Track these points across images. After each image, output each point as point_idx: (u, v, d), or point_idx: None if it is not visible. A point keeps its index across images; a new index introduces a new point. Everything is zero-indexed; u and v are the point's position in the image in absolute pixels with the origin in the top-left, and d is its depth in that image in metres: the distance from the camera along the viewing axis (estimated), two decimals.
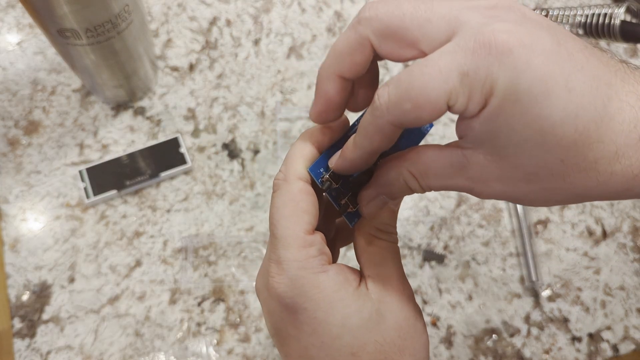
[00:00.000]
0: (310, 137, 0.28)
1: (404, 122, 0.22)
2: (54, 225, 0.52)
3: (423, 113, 0.21)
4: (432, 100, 0.21)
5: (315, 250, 0.25)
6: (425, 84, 0.21)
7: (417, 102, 0.21)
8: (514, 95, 0.20)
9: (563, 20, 0.55)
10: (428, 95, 0.21)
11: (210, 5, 0.64)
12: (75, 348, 0.48)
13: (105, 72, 0.51)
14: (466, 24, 0.21)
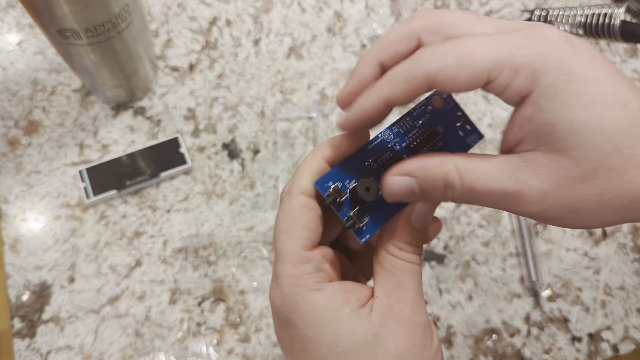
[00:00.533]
0: (322, 150, 0.27)
1: (440, 77, 0.22)
2: (54, 225, 0.52)
3: (462, 73, 0.21)
4: (477, 62, 0.21)
5: (311, 267, 0.25)
6: (477, 46, 0.21)
7: (463, 58, 0.21)
8: (567, 74, 0.20)
9: (563, 20, 0.55)
10: (476, 56, 0.21)
11: (210, 5, 0.64)
12: (75, 348, 0.48)
13: (105, 72, 0.51)
14: (516, 24, 0.23)
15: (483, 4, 0.67)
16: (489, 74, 0.21)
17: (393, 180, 0.25)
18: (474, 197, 0.23)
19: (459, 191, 0.23)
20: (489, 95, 0.62)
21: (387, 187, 0.25)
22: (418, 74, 0.22)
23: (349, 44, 0.63)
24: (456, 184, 0.23)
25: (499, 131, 0.60)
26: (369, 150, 0.28)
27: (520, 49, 0.21)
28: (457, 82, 0.22)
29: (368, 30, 0.64)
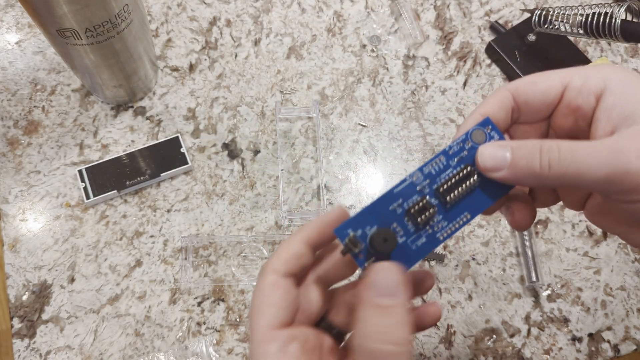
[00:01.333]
0: (302, 232, 0.28)
1: (520, 85, 0.27)
2: (53, 225, 0.52)
3: (539, 79, 0.27)
4: (549, 76, 0.27)
5: (275, 347, 0.25)
6: (548, 72, 0.27)
7: (537, 76, 0.27)
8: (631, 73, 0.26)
9: (564, 20, 0.55)
10: (548, 73, 0.27)
11: (210, 5, 0.64)
12: (75, 348, 0.48)
13: (105, 72, 0.51)
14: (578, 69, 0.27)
15: (483, 4, 0.67)
16: (562, 79, 0.26)
17: (487, 147, 0.26)
18: (570, 160, 0.24)
19: (553, 154, 0.24)
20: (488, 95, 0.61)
21: (480, 154, 0.26)
22: (502, 89, 0.28)
23: (349, 44, 0.63)
24: (552, 148, 0.24)
25: None
26: (395, 194, 0.27)
27: (584, 68, 0.26)
28: (535, 87, 0.27)
29: (368, 30, 0.64)
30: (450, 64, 0.63)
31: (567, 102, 0.27)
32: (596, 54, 0.65)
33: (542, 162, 0.24)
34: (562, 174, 0.24)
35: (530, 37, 0.61)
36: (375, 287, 0.24)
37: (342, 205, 0.28)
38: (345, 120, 0.59)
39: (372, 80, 0.61)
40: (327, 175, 0.57)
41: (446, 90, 0.61)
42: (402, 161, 0.58)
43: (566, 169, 0.24)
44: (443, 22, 0.65)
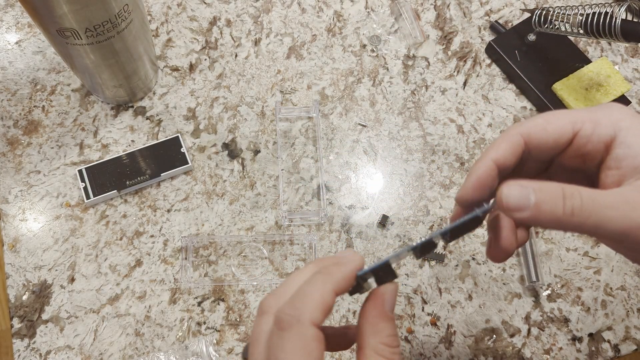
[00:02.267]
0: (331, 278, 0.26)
1: (532, 130, 0.27)
2: (53, 225, 0.52)
3: (550, 125, 0.27)
4: (560, 118, 0.27)
5: None
6: (557, 112, 0.28)
7: (547, 117, 0.27)
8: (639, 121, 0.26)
9: (564, 20, 0.55)
10: (558, 115, 0.27)
11: (210, 5, 0.64)
12: (75, 348, 0.48)
13: (105, 72, 0.51)
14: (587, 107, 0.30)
15: (483, 4, 0.67)
16: (573, 125, 0.26)
17: (510, 188, 0.25)
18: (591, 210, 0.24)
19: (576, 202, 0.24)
20: (488, 95, 0.61)
21: (504, 194, 0.25)
22: (514, 133, 0.28)
23: (349, 44, 0.63)
24: (575, 195, 0.25)
25: (499, 131, 0.60)
26: None
27: (595, 111, 0.27)
28: (546, 133, 0.27)
29: (368, 30, 0.64)
30: (450, 64, 0.63)
31: (577, 148, 0.27)
32: (596, 54, 0.65)
33: (565, 208, 0.25)
34: (583, 223, 0.24)
35: (530, 37, 0.61)
36: None
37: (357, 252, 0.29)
38: (345, 120, 0.59)
39: (372, 80, 0.61)
40: (327, 175, 0.57)
41: (446, 90, 0.61)
42: (402, 161, 0.58)
43: (587, 218, 0.24)
44: (443, 22, 0.65)
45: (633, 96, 0.63)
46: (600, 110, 0.27)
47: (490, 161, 0.28)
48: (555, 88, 0.59)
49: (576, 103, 0.58)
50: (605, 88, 0.58)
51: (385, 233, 0.54)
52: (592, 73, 0.59)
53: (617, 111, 0.27)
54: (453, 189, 0.57)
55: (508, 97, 0.62)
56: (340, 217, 0.55)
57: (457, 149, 0.59)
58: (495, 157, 0.28)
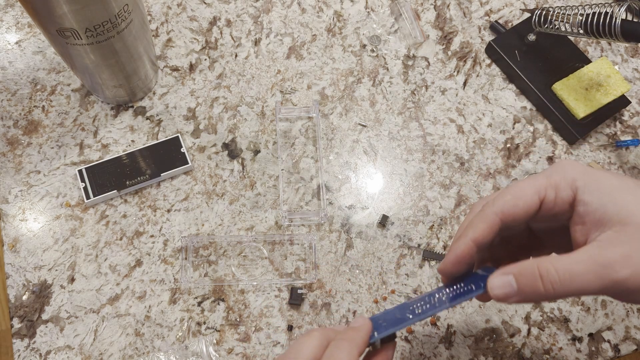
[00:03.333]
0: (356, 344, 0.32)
1: (505, 209, 0.31)
2: (53, 225, 0.52)
3: (519, 201, 0.31)
4: (525, 190, 0.31)
5: None
6: (521, 184, 0.31)
7: (515, 193, 0.31)
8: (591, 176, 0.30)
9: (564, 20, 0.55)
10: (523, 188, 0.31)
11: (210, 5, 0.64)
12: (75, 348, 0.48)
13: (105, 72, 0.51)
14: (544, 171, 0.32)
15: (483, 4, 0.67)
16: (538, 195, 0.30)
17: (493, 281, 0.30)
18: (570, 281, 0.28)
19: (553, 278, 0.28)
20: (488, 95, 0.61)
21: (490, 288, 0.30)
22: (489, 213, 0.31)
23: (349, 44, 0.63)
24: (551, 271, 0.28)
25: (499, 131, 0.60)
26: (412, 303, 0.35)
27: (551, 175, 0.31)
28: (517, 208, 0.31)
29: (368, 30, 0.64)
30: (450, 64, 0.63)
31: (546, 211, 0.31)
32: (596, 53, 0.65)
33: (545, 286, 0.28)
34: (564, 292, 0.28)
35: (530, 37, 0.61)
36: None
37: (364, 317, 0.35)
38: (345, 120, 0.59)
39: (372, 80, 0.61)
40: (327, 175, 0.57)
41: (446, 90, 0.61)
42: (402, 161, 0.58)
43: (567, 288, 0.28)
44: (443, 22, 0.65)
45: (633, 96, 0.63)
46: (556, 172, 0.31)
47: (470, 241, 0.32)
48: (555, 88, 0.59)
49: (576, 103, 0.58)
50: (605, 88, 0.58)
51: (385, 233, 0.54)
52: (592, 73, 0.59)
53: (571, 170, 0.31)
54: (453, 189, 0.57)
55: (508, 97, 0.62)
56: (340, 217, 0.55)
57: (457, 149, 0.59)
58: (474, 237, 0.32)
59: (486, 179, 0.57)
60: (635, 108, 0.62)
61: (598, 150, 0.60)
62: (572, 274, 0.28)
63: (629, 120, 0.62)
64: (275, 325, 0.50)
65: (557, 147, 0.59)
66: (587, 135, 0.60)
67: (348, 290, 0.52)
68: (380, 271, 0.53)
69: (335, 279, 0.52)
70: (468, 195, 0.57)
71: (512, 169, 0.58)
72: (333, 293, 0.52)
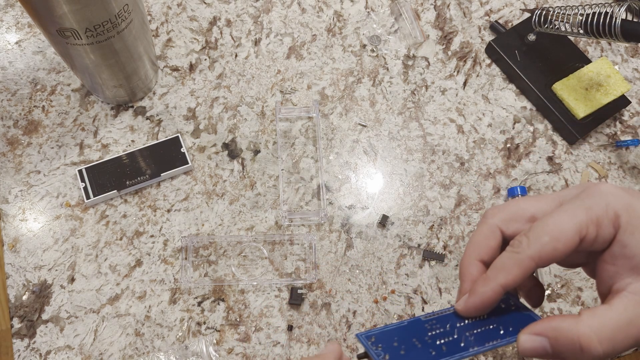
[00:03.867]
0: None
1: (543, 254, 0.27)
2: (53, 225, 0.52)
3: (559, 244, 0.27)
4: (565, 231, 0.27)
5: None
6: (559, 221, 0.27)
7: (553, 234, 0.27)
8: (636, 212, 0.26)
9: (564, 20, 0.55)
10: (562, 228, 0.27)
11: (210, 5, 0.64)
12: (75, 348, 0.48)
13: (105, 72, 0.51)
14: (573, 190, 0.28)
15: (483, 4, 0.67)
16: (579, 235, 0.26)
17: (525, 339, 0.28)
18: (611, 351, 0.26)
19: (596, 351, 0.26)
20: (488, 95, 0.61)
21: (520, 345, 0.28)
22: (525, 258, 0.27)
23: (349, 44, 0.63)
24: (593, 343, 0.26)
25: (499, 131, 0.60)
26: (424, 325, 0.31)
27: (592, 208, 0.27)
28: (557, 252, 0.27)
29: (368, 30, 0.64)
30: (450, 64, 0.63)
31: (582, 249, 0.28)
32: (596, 54, 0.65)
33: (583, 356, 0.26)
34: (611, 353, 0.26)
35: (530, 36, 0.61)
36: None
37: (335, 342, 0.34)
38: (345, 120, 0.59)
39: (372, 80, 0.61)
40: (327, 175, 0.57)
41: (446, 90, 0.61)
42: (402, 161, 0.58)
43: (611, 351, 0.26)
44: (443, 22, 0.65)
45: (633, 96, 0.63)
46: (597, 204, 0.27)
47: (500, 287, 0.29)
48: (555, 88, 0.59)
49: (576, 103, 0.58)
50: (605, 88, 0.58)
51: (385, 233, 0.54)
52: (592, 73, 0.59)
53: (613, 201, 0.27)
54: (453, 189, 0.57)
55: (508, 97, 0.62)
56: (340, 217, 0.55)
57: (457, 149, 0.59)
58: (505, 283, 0.29)
59: (486, 179, 0.57)
60: (635, 108, 0.62)
61: (598, 150, 0.60)
62: (614, 344, 0.26)
63: (629, 120, 0.62)
64: (275, 325, 0.50)
65: (557, 147, 0.59)
66: (587, 135, 0.60)
67: (348, 290, 0.52)
68: (380, 271, 0.53)
69: (335, 279, 0.52)
70: (468, 195, 0.57)
71: (512, 169, 0.58)
72: (333, 293, 0.52)
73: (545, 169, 0.58)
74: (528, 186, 0.57)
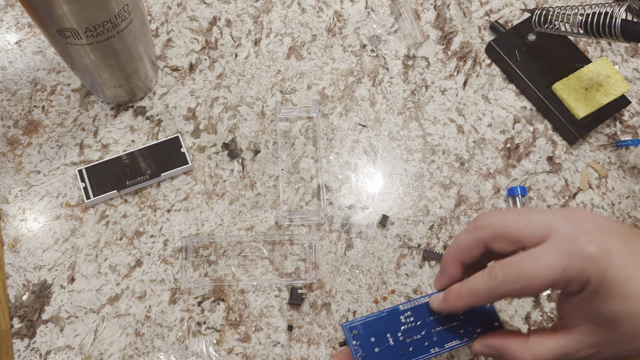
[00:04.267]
0: None
1: (512, 295, 0.31)
2: (53, 225, 0.52)
3: (529, 292, 0.30)
4: (538, 285, 0.30)
5: None
6: (534, 274, 0.29)
7: (526, 285, 0.30)
8: (605, 283, 0.29)
9: (564, 20, 0.55)
10: (535, 282, 0.29)
11: (210, 5, 0.64)
12: (75, 348, 0.48)
13: (105, 72, 0.51)
14: (558, 230, 0.30)
15: (483, 4, 0.67)
16: (550, 286, 0.30)
17: (478, 348, 0.35)
18: None
19: None
20: (488, 95, 0.61)
21: (473, 349, 0.35)
22: (496, 293, 0.31)
23: (349, 44, 0.63)
24: None
25: (499, 131, 0.60)
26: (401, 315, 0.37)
27: (568, 269, 0.29)
28: (525, 295, 0.31)
29: (368, 30, 0.64)
30: (450, 64, 0.63)
31: None
32: (596, 54, 0.65)
33: None
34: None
35: (530, 37, 0.61)
36: None
37: None
38: (345, 120, 0.59)
39: (372, 80, 0.61)
40: (327, 175, 0.57)
41: (446, 90, 0.61)
42: (402, 161, 0.58)
43: None
44: (443, 22, 0.65)
45: (633, 96, 0.63)
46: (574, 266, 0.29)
47: (469, 305, 0.34)
48: (555, 88, 0.59)
49: (576, 103, 0.58)
50: (605, 88, 0.58)
51: (385, 233, 0.54)
52: (592, 73, 0.59)
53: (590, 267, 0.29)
54: (453, 189, 0.57)
55: (508, 97, 0.62)
56: (340, 217, 0.55)
57: (457, 149, 0.59)
58: (475, 304, 0.33)
59: (486, 179, 0.57)
60: (635, 108, 0.62)
61: (598, 150, 0.60)
62: None
63: (629, 120, 0.62)
64: (275, 325, 0.50)
65: (557, 147, 0.59)
66: (587, 135, 0.60)
67: (348, 290, 0.52)
68: (380, 271, 0.53)
69: (335, 279, 0.52)
70: (468, 195, 0.57)
71: (512, 169, 0.58)
72: (333, 293, 0.52)
73: (545, 169, 0.58)
74: (528, 186, 0.57)
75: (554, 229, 0.30)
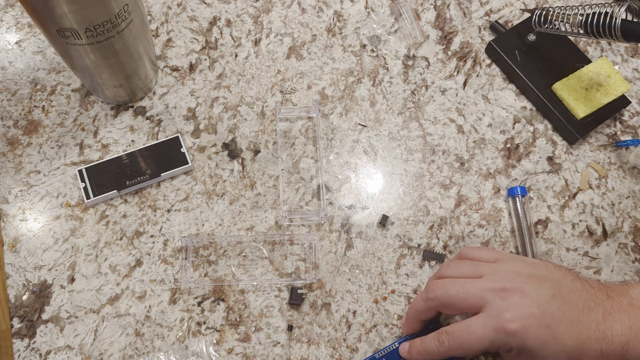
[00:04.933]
0: None
1: (454, 355, 0.41)
2: (53, 225, 0.52)
3: (469, 355, 0.42)
4: (474, 352, 0.40)
5: None
6: (470, 345, 0.40)
7: (465, 351, 0.40)
8: (525, 350, 0.39)
9: (564, 20, 0.55)
10: (471, 350, 0.40)
11: (210, 5, 0.64)
12: (75, 348, 0.48)
13: (105, 72, 0.51)
14: (489, 304, 0.40)
15: (483, 4, 0.67)
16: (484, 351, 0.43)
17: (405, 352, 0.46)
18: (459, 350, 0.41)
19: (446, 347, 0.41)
20: (488, 95, 0.61)
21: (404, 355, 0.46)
22: (444, 355, 0.42)
23: (349, 44, 0.63)
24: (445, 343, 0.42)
25: (499, 131, 0.60)
26: None
27: (495, 341, 0.39)
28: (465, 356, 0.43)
29: (368, 30, 0.64)
30: (450, 64, 0.63)
31: None
32: (596, 54, 0.65)
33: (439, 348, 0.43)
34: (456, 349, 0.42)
35: (530, 37, 0.61)
36: None
37: None
38: (345, 120, 0.59)
39: (372, 80, 0.61)
40: (327, 175, 0.57)
41: (446, 90, 0.61)
42: (402, 161, 0.58)
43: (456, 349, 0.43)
44: (443, 22, 0.65)
45: (633, 96, 0.63)
46: (505, 342, 0.40)
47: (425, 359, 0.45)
48: (555, 88, 0.59)
49: (576, 103, 0.58)
50: (605, 88, 0.58)
51: (385, 233, 0.54)
52: (592, 73, 0.59)
53: (515, 345, 0.40)
54: (453, 189, 0.57)
55: (508, 97, 0.62)
56: (340, 217, 0.55)
57: (457, 149, 0.59)
58: None
59: (486, 179, 0.58)
60: (635, 108, 0.62)
61: (598, 150, 0.60)
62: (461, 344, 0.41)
63: (629, 120, 0.62)
64: (275, 325, 0.50)
65: (557, 147, 0.59)
66: (587, 135, 0.60)
67: (348, 290, 0.52)
68: (380, 271, 0.53)
69: (335, 279, 0.52)
70: (468, 195, 0.57)
71: (512, 169, 0.58)
72: (333, 293, 0.52)
73: (545, 169, 0.58)
74: (528, 186, 0.57)
75: (487, 303, 0.40)
